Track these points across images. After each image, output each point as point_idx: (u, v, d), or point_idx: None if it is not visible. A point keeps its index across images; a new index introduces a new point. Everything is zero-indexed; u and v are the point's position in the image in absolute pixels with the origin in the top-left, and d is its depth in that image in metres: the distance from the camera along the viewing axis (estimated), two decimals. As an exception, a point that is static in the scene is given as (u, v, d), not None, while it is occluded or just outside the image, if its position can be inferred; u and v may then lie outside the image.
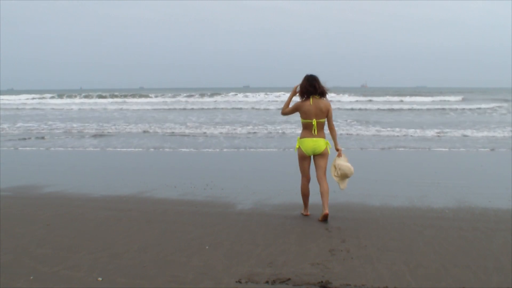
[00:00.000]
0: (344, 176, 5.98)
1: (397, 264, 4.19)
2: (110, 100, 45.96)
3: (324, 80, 5.84)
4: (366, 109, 30.39)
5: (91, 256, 4.41)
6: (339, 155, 6.00)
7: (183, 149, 12.96)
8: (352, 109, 30.48)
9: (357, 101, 39.20)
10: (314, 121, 5.75)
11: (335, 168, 5.98)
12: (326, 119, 5.85)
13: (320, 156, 5.85)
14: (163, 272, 4.03)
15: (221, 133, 17.33)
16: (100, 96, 50.81)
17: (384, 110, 30.08)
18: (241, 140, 15.19)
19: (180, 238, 5.01)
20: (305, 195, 6.00)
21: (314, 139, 5.79)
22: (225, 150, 12.77)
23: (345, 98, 42.52)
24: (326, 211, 5.69)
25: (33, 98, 50.03)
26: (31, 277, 3.90)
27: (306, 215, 6.00)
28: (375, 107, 31.78)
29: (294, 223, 5.60)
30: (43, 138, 16.18)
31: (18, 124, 21.47)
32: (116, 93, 54.66)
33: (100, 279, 3.88)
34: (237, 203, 6.71)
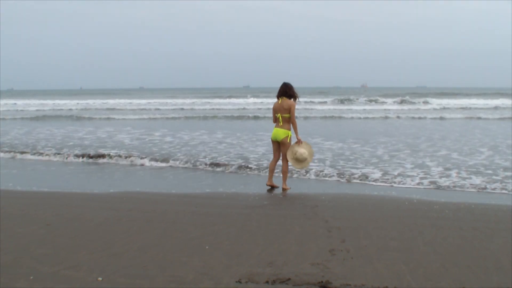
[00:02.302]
0: (299, 160, 7.57)
1: (397, 264, 4.19)
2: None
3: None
4: None
5: (91, 256, 4.41)
6: (297, 143, 7.60)
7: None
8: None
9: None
10: (279, 115, 7.56)
11: (292, 152, 7.59)
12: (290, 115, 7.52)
13: (281, 143, 7.63)
14: (163, 272, 4.03)
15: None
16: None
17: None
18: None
19: (180, 238, 5.00)
20: (270, 169, 7.82)
21: (277, 128, 7.61)
22: (227, 153, 12.75)
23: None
24: (283, 186, 7.67)
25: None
26: (31, 277, 3.90)
27: (270, 186, 7.75)
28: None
29: (294, 223, 5.60)
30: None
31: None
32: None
33: (100, 279, 3.88)
34: (237, 203, 6.71)
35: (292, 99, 7.59)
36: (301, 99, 8.05)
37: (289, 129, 7.61)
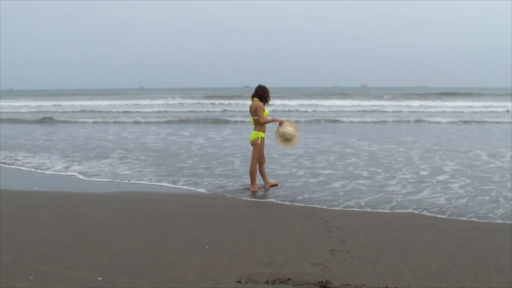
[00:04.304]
0: (288, 139, 7.59)
1: (397, 264, 4.19)
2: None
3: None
4: None
5: (91, 256, 4.41)
6: (280, 125, 7.61)
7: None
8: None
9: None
10: (252, 118, 7.64)
11: (280, 136, 7.62)
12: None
13: (252, 144, 7.65)
14: (163, 272, 4.03)
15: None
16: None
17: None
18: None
19: (180, 238, 5.00)
20: (261, 173, 7.76)
21: (252, 131, 7.65)
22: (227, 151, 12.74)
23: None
24: (252, 188, 7.57)
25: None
26: (31, 277, 3.90)
27: (269, 187, 7.68)
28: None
29: (294, 223, 5.60)
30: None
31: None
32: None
33: (100, 279, 3.88)
34: (237, 203, 6.71)
35: (263, 101, 7.57)
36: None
37: (260, 130, 7.54)
